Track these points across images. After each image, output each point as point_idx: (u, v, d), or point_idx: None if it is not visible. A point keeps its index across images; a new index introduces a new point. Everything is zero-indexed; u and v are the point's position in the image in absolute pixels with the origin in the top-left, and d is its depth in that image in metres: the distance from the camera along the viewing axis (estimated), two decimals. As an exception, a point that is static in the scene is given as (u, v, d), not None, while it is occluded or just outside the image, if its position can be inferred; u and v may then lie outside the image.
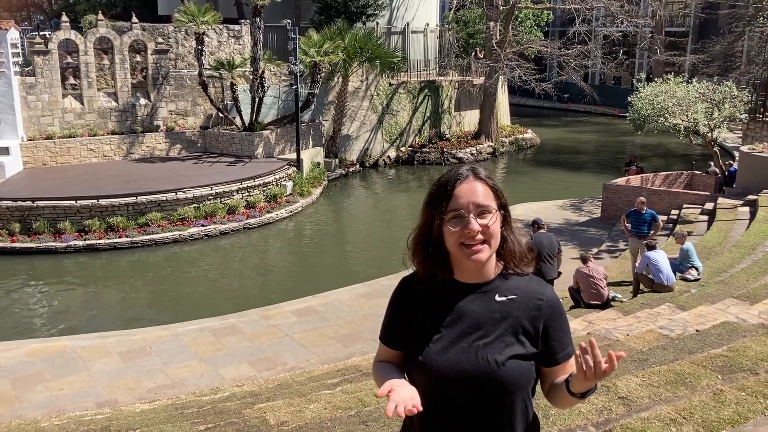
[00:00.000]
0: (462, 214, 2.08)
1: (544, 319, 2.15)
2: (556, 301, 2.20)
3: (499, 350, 2.10)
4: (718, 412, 4.59)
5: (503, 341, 2.12)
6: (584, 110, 46.93)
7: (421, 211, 2.22)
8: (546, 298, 2.18)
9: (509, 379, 2.09)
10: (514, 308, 2.15)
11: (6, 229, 18.32)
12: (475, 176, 2.14)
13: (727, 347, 6.15)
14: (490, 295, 2.17)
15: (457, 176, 2.13)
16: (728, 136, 32.13)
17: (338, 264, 18.52)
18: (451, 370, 2.10)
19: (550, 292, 2.21)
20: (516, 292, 2.17)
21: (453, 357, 2.11)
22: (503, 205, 2.17)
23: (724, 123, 20.13)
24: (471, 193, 2.10)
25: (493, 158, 32.15)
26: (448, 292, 2.19)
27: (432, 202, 2.16)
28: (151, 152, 24.91)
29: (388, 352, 2.31)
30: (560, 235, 18.61)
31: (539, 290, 2.19)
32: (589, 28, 34.61)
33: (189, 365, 11.28)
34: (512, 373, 2.09)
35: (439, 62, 35.40)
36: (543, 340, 2.15)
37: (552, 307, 2.17)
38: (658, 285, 11.48)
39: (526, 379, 2.13)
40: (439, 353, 2.13)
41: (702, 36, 44.02)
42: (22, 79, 22.97)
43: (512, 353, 2.10)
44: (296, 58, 23.94)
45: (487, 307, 2.15)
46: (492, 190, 2.14)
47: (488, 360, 2.09)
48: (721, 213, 17.18)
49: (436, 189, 2.16)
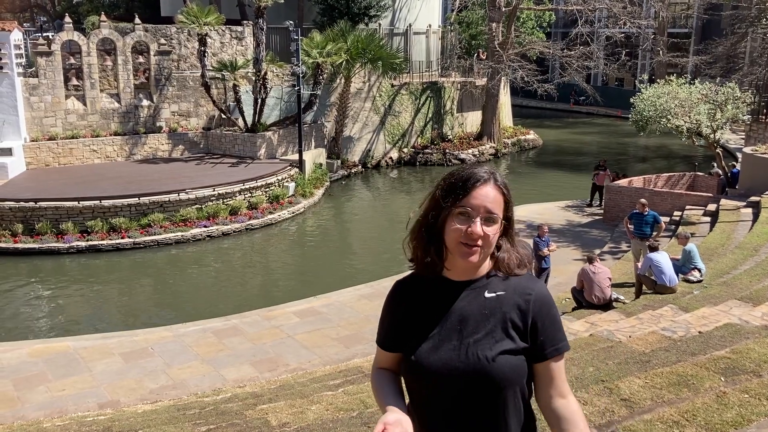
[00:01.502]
0: (471, 213, 2.09)
1: (533, 313, 2.15)
2: (546, 296, 2.20)
3: (489, 346, 2.11)
4: (721, 415, 4.57)
5: (493, 337, 2.12)
6: (587, 111, 46.90)
7: (429, 198, 2.21)
8: (535, 293, 2.17)
9: (499, 374, 2.09)
10: (503, 303, 2.16)
11: (9, 229, 18.34)
12: (494, 182, 2.15)
13: (730, 349, 6.13)
14: (479, 291, 2.18)
15: (478, 177, 2.14)
16: (731, 138, 32.10)
17: (340, 265, 18.51)
18: (442, 368, 2.11)
19: (539, 287, 2.21)
20: (505, 287, 2.18)
21: (444, 355, 2.13)
22: (509, 217, 2.19)
23: (727, 124, 20.11)
24: (485, 197, 2.11)
25: (496, 159, 32.14)
26: (438, 290, 2.20)
27: (447, 192, 2.15)
28: (154, 153, 24.93)
29: (386, 355, 2.32)
30: (563, 237, 18.62)
31: (528, 285, 2.20)
32: (592, 29, 34.65)
33: (191, 366, 11.28)
34: (502, 368, 2.09)
35: (441, 63, 35.40)
36: (532, 335, 2.15)
37: (541, 302, 2.17)
38: (661, 286, 11.47)
39: (517, 374, 2.13)
40: (430, 351, 2.14)
41: (705, 37, 43.97)
42: (25, 80, 23.00)
43: (502, 348, 2.11)
44: (299, 60, 23.94)
45: (476, 304, 2.16)
46: (504, 201, 2.16)
47: (478, 356, 2.09)
48: (723, 214, 17.14)
49: (454, 182, 2.15)
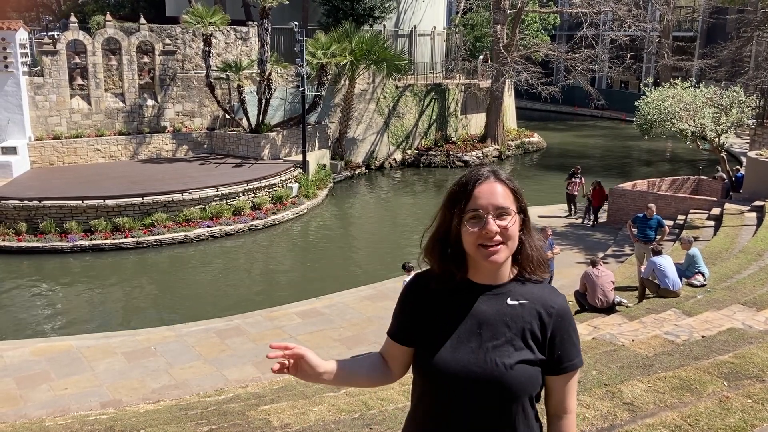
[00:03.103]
0: (481, 214, 2.07)
1: (554, 327, 2.14)
2: (568, 311, 2.20)
3: (508, 354, 2.09)
4: (724, 419, 4.56)
5: (512, 345, 2.11)
6: (591, 114, 46.86)
7: (439, 211, 2.20)
8: (558, 307, 2.17)
9: (516, 383, 2.08)
10: (525, 313, 2.14)
11: (13, 228, 18.39)
12: (495, 177, 2.13)
13: (734, 354, 6.11)
14: (502, 297, 2.16)
15: (477, 177, 2.12)
16: (735, 142, 32.01)
17: (343, 266, 18.51)
18: (459, 371, 2.09)
19: (562, 301, 2.20)
20: (528, 296, 2.16)
21: (462, 357, 2.11)
22: (523, 208, 2.15)
23: (732, 128, 20.05)
24: (491, 194, 2.09)
25: (499, 162, 32.10)
26: (460, 291, 2.18)
27: (451, 201, 2.14)
28: (158, 153, 24.97)
29: (395, 347, 2.29)
30: (566, 239, 18.60)
31: (552, 298, 2.18)
32: (597, 32, 34.58)
33: (193, 366, 11.29)
34: (519, 377, 2.08)
35: (445, 65, 35.40)
36: (550, 348, 2.14)
37: (562, 317, 2.16)
38: (664, 290, 11.44)
39: (532, 384, 2.12)
40: (448, 352, 2.12)
41: (710, 41, 43.89)
42: (31, 80, 23.06)
43: (521, 358, 2.10)
44: (303, 60, 23.96)
45: (498, 310, 2.14)
46: (512, 192, 2.12)
47: (496, 363, 2.08)
48: (727, 218, 17.11)
49: (455, 189, 2.15)
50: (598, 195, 19.99)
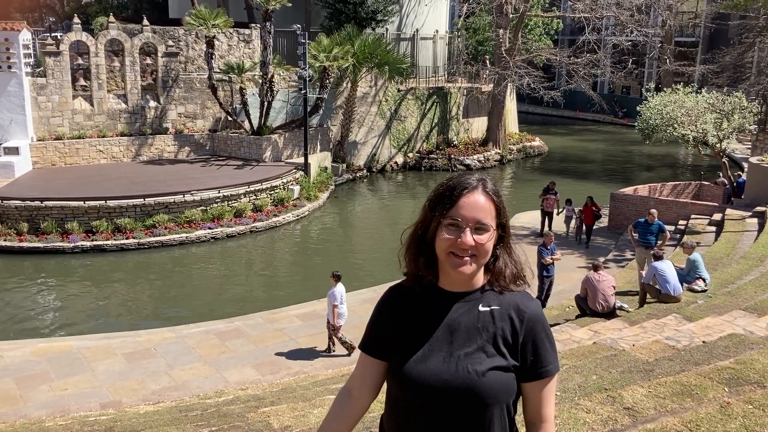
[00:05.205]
0: (460, 224, 2.05)
1: (526, 332, 2.11)
2: (540, 315, 2.16)
3: (480, 361, 2.06)
4: (724, 425, 4.56)
5: (484, 352, 2.08)
6: (592, 119, 46.88)
7: (422, 209, 2.18)
8: (529, 312, 2.13)
9: (488, 390, 2.04)
10: (497, 319, 2.11)
11: (14, 228, 18.40)
12: (483, 189, 2.09)
13: (734, 359, 6.11)
14: (473, 304, 2.13)
15: (465, 185, 2.09)
16: (737, 147, 32.00)
17: (344, 269, 18.35)
18: (430, 378, 2.06)
19: (534, 306, 2.16)
20: (500, 302, 2.14)
21: (432, 366, 2.08)
22: (503, 224, 2.13)
23: (733, 134, 20.06)
24: (474, 207, 2.06)
25: (501, 165, 32.12)
26: (432, 300, 2.16)
27: (435, 203, 2.12)
28: (160, 154, 25.00)
29: (369, 365, 2.24)
30: (567, 244, 18.58)
31: (523, 303, 2.15)
32: (599, 36, 34.60)
33: (193, 368, 11.29)
34: (492, 384, 2.05)
35: (447, 69, 35.44)
36: (522, 354, 2.11)
37: (534, 321, 2.12)
38: (665, 295, 11.43)
39: (506, 392, 2.08)
40: (419, 362, 2.09)
41: (712, 46, 43.89)
42: (33, 80, 23.10)
43: (493, 364, 2.07)
44: (305, 63, 23.99)
45: (470, 317, 2.12)
46: (495, 208, 2.10)
47: (468, 370, 2.05)
48: (729, 224, 17.10)
49: (441, 192, 2.12)
50: (590, 213, 18.42)
